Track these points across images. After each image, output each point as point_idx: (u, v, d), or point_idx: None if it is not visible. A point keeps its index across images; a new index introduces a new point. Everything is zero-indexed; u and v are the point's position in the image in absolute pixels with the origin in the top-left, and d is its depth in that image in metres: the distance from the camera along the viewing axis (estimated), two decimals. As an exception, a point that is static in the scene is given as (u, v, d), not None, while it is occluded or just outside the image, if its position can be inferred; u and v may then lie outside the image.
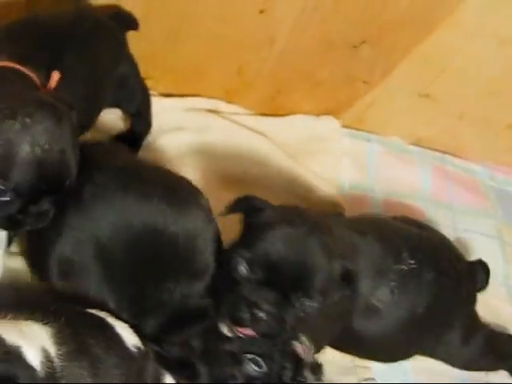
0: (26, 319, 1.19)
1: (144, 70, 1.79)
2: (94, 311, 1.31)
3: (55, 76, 1.47)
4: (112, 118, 1.82)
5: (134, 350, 1.27)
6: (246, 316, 1.34)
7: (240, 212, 1.43)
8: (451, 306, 1.65)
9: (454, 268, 1.66)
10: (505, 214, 2.14)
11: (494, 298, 1.84)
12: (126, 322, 1.33)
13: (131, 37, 1.76)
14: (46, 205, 1.36)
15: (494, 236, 1.99)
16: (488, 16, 1.81)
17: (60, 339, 1.16)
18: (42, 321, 1.19)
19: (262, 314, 1.33)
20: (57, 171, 1.33)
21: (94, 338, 1.20)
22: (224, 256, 1.41)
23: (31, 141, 1.29)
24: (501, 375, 1.76)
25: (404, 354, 1.69)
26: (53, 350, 1.15)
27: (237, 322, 1.35)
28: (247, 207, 1.42)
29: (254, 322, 1.34)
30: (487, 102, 2.04)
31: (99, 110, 1.69)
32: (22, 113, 1.30)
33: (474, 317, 1.72)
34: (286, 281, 1.34)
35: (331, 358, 1.62)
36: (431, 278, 1.60)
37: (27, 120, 1.30)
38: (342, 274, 1.39)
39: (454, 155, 2.19)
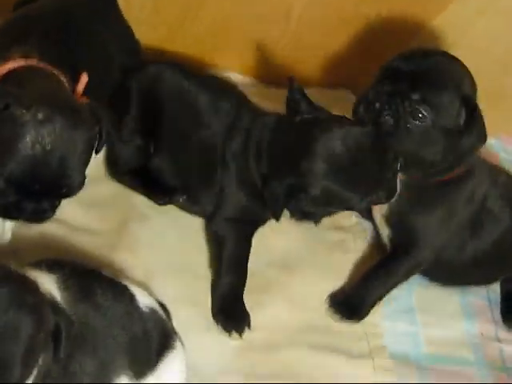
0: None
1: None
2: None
3: (83, 79, 1.43)
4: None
5: (146, 309, 1.27)
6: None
7: None
8: None
9: None
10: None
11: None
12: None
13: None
14: (44, 204, 1.35)
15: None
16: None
17: (65, 286, 1.16)
18: (46, 270, 1.18)
19: None
20: (52, 175, 1.29)
21: (101, 288, 1.21)
22: None
23: (34, 136, 1.27)
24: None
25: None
26: (58, 295, 1.14)
27: None
28: None
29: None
30: (499, 76, 2.05)
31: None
32: (37, 107, 1.28)
33: None
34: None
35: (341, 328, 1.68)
36: None
37: (39, 115, 1.28)
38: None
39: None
